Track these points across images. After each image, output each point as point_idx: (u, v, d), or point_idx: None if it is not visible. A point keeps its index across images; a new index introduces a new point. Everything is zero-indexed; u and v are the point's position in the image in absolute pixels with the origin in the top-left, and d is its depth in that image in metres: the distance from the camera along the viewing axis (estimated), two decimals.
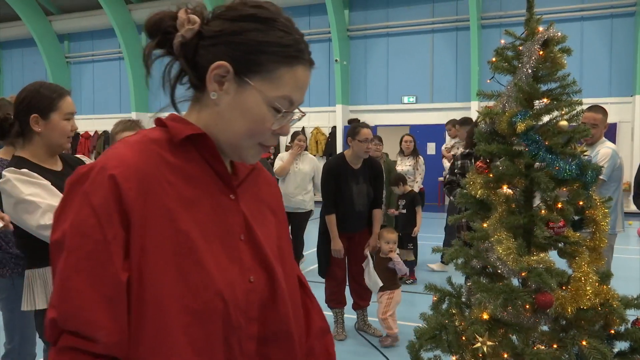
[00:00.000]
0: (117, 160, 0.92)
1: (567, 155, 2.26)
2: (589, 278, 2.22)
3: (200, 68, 0.97)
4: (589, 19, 12.48)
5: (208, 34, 0.96)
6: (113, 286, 0.87)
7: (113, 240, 0.88)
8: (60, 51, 18.32)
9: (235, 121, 0.98)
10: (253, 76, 0.96)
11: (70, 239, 0.88)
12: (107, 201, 0.88)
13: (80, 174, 0.92)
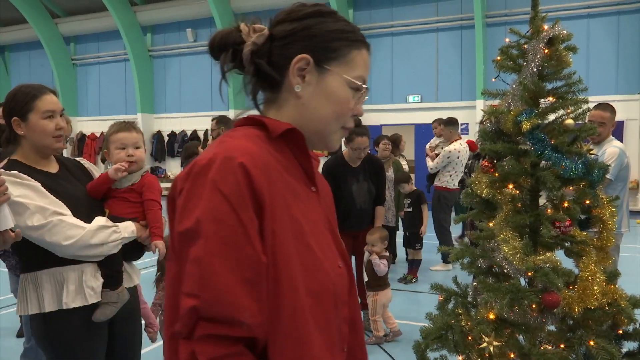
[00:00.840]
0: (241, 150, 0.96)
1: (573, 154, 2.25)
2: (596, 277, 2.20)
3: (276, 68, 1.05)
4: (595, 16, 12.41)
5: (281, 35, 1.05)
6: (253, 268, 0.90)
7: (249, 224, 0.91)
8: (67, 53, 18.40)
9: (321, 107, 1.06)
10: (331, 62, 1.05)
11: (205, 226, 0.90)
12: (238, 187, 0.92)
13: (201, 165, 0.95)
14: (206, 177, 0.93)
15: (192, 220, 0.91)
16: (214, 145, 1.00)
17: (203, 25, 16.26)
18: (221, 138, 1.02)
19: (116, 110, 17.65)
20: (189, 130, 16.54)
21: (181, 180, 0.97)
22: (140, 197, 2.28)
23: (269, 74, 1.06)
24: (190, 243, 0.91)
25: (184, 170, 0.98)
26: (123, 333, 2.31)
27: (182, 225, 0.93)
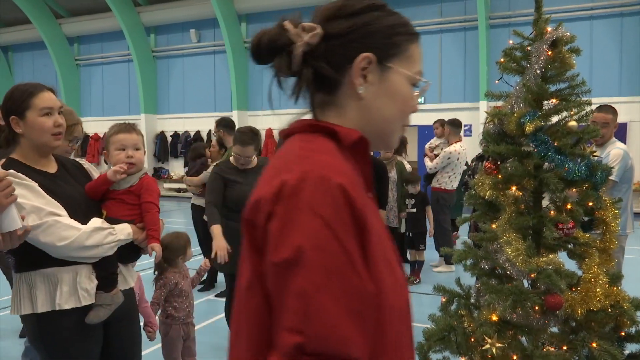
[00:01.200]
0: (335, 168, 0.89)
1: (577, 156, 2.25)
2: (599, 279, 2.21)
3: (334, 69, 0.98)
4: (598, 18, 12.40)
5: (338, 33, 0.98)
6: (360, 299, 0.83)
7: (353, 251, 0.84)
8: (70, 54, 18.45)
9: (385, 107, 1.01)
10: (392, 59, 0.99)
11: (307, 255, 0.81)
12: (339, 211, 0.84)
13: (292, 186, 0.85)
14: (301, 200, 0.84)
15: (292, 248, 0.82)
16: (295, 161, 0.90)
17: (206, 26, 16.29)
18: (301, 152, 0.93)
19: (119, 111, 17.69)
20: (192, 131, 16.58)
21: (268, 203, 0.86)
22: (138, 200, 2.27)
23: (328, 76, 0.98)
24: (290, 274, 0.82)
25: (268, 191, 0.88)
26: (120, 334, 2.30)
27: (278, 255, 0.83)
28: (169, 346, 3.34)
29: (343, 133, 0.97)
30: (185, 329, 3.38)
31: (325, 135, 0.98)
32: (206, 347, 4.14)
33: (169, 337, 3.33)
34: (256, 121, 15.73)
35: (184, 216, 11.43)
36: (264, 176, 0.94)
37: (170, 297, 3.32)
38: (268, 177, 0.92)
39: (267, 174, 0.94)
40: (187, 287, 3.39)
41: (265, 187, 0.90)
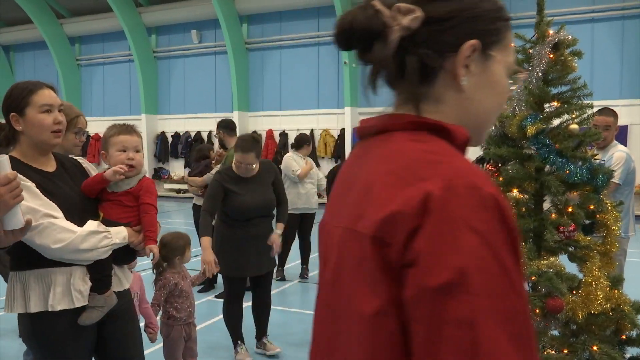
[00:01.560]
0: (480, 176, 0.78)
1: (578, 159, 2.25)
2: (599, 282, 2.20)
3: (433, 61, 0.86)
4: (599, 21, 12.40)
5: (440, 17, 0.86)
6: (520, 321, 0.74)
7: (512, 270, 0.75)
8: (71, 54, 18.46)
9: (486, 99, 0.92)
10: (494, 47, 0.90)
11: (471, 278, 0.72)
12: (495, 226, 0.75)
13: (439, 197, 0.75)
14: (454, 214, 0.74)
15: (452, 271, 0.72)
16: (423, 166, 0.80)
17: (208, 27, 16.30)
18: (426, 155, 0.82)
19: (120, 111, 17.70)
20: (192, 132, 16.58)
21: (411, 218, 0.75)
22: (136, 202, 2.26)
23: (431, 66, 0.87)
24: (450, 299, 0.72)
25: (406, 205, 0.76)
26: (115, 334, 2.29)
27: (436, 278, 0.72)
28: (171, 347, 3.34)
29: (456, 131, 0.87)
30: (186, 329, 3.38)
31: (433, 133, 0.86)
32: (206, 348, 4.14)
33: (171, 338, 3.33)
34: (257, 122, 15.74)
35: (184, 217, 11.43)
36: (381, 186, 0.82)
37: (171, 298, 3.31)
38: (390, 187, 0.80)
39: (385, 182, 0.81)
40: (188, 288, 3.38)
41: (394, 198, 0.78)
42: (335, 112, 14.95)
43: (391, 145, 0.88)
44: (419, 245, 0.74)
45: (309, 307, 5.71)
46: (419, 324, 0.74)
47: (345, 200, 0.92)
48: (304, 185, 6.37)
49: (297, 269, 6.81)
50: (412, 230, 0.75)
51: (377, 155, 0.88)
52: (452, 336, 0.71)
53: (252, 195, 3.94)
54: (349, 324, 0.84)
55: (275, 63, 15.70)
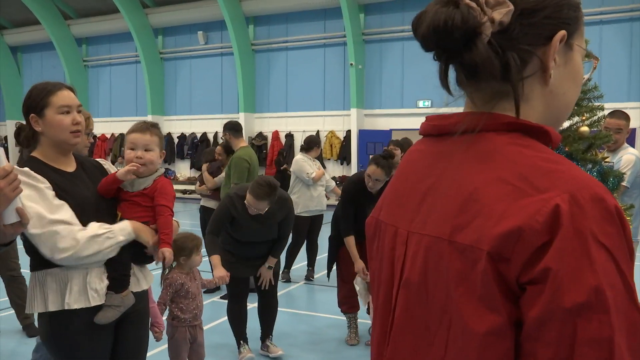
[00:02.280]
0: (603, 188, 0.75)
1: (588, 162, 2.22)
2: None
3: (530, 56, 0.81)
4: (608, 23, 12.33)
5: (532, 9, 0.81)
6: (636, 336, 0.72)
7: (633, 284, 0.73)
8: (78, 55, 18.55)
9: (569, 91, 0.86)
10: (575, 35, 0.85)
11: (603, 297, 0.69)
12: (620, 240, 0.72)
13: (567, 212, 0.71)
14: (581, 228, 0.70)
15: (587, 290, 0.69)
16: (539, 175, 0.75)
17: (214, 28, 16.33)
18: (542, 163, 0.76)
19: (127, 112, 17.76)
20: (198, 133, 16.61)
21: (539, 234, 0.71)
22: (151, 202, 2.22)
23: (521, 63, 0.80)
24: (584, 319, 0.69)
25: (532, 219, 0.71)
26: (127, 336, 2.28)
27: (570, 298, 0.69)
28: (175, 348, 3.32)
29: (554, 134, 0.83)
30: (191, 331, 3.35)
31: (530, 135, 0.82)
32: (210, 348, 4.12)
33: (175, 339, 3.31)
34: (262, 123, 15.75)
35: (190, 217, 11.44)
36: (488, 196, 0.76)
37: (176, 298, 3.30)
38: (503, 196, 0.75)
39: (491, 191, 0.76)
40: (195, 290, 3.36)
41: (515, 212, 0.73)
42: (341, 113, 14.94)
43: (489, 148, 0.81)
44: (548, 263, 0.70)
45: (314, 309, 5.69)
46: (546, 345, 0.71)
47: (424, 205, 0.87)
48: (315, 188, 6.40)
49: (303, 271, 6.80)
50: (541, 247, 0.71)
51: (472, 159, 0.81)
52: (586, 356, 0.69)
53: (256, 230, 4.00)
54: (446, 338, 0.80)
55: (281, 64, 15.70)
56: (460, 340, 0.77)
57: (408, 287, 0.86)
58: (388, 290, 0.92)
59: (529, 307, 0.72)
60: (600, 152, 2.28)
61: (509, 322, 0.74)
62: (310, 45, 15.32)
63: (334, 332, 4.79)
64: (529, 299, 0.72)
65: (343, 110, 14.91)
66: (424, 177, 0.88)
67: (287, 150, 14.89)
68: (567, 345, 0.69)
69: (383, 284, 0.94)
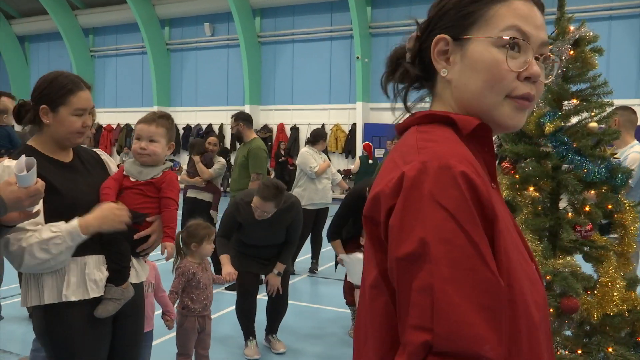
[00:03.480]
0: (456, 156, 0.83)
1: (596, 158, 2.21)
2: (616, 283, 2.17)
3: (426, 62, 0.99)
4: (617, 18, 12.24)
5: (423, 29, 1.00)
6: (490, 293, 0.77)
7: (481, 243, 0.78)
8: (85, 45, 18.56)
9: (469, 81, 0.93)
10: (469, 30, 0.93)
11: (432, 248, 0.77)
12: (464, 201, 0.79)
13: (411, 178, 0.81)
14: (421, 191, 0.79)
15: (415, 242, 0.78)
16: (412, 152, 0.86)
17: (221, 20, 16.30)
18: (419, 143, 0.88)
19: (133, 103, 17.77)
20: (204, 124, 16.62)
21: (387, 197, 0.83)
22: (157, 193, 2.21)
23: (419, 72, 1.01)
24: (414, 269, 0.77)
25: (386, 185, 0.84)
26: (124, 330, 2.23)
27: (401, 249, 0.79)
28: (183, 337, 3.35)
29: (461, 120, 0.92)
30: (200, 321, 3.38)
31: (443, 124, 0.93)
32: (214, 339, 4.14)
33: (184, 329, 3.34)
34: (268, 116, 15.74)
35: None
36: (381, 171, 0.91)
37: (188, 288, 3.33)
38: (386, 171, 0.88)
39: (385, 168, 0.90)
40: (206, 280, 3.38)
41: (383, 181, 0.86)
42: (346, 107, 14.91)
43: (404, 138, 0.95)
44: (392, 221, 0.82)
45: (318, 302, 5.71)
46: (397, 292, 0.82)
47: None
48: (320, 181, 6.39)
49: (307, 263, 6.81)
50: (389, 208, 0.83)
51: (394, 148, 0.96)
52: (416, 302, 0.77)
53: (263, 234, 4.02)
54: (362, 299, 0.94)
55: (287, 57, 15.67)
56: (364, 296, 0.92)
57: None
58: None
59: (388, 261, 0.83)
60: (609, 148, 2.28)
61: (382, 276, 0.85)
62: (317, 38, 15.28)
63: (337, 325, 4.81)
64: (387, 253, 0.83)
65: (349, 103, 14.88)
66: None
67: (291, 143, 14.89)
68: (405, 292, 0.79)
69: None
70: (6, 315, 4.61)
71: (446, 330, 0.75)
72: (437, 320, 0.75)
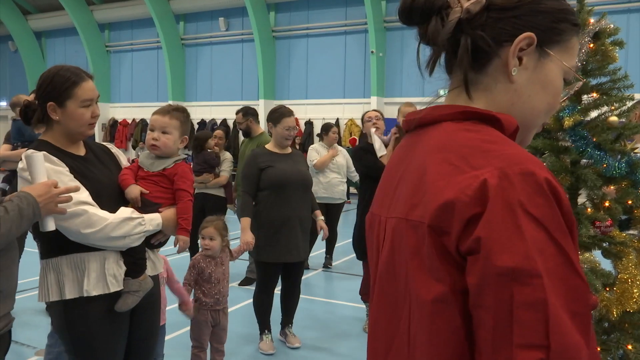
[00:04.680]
0: (534, 162, 0.79)
1: (616, 152, 2.18)
2: (635, 280, 2.14)
3: (487, 45, 0.88)
4: (635, 11, 12.04)
5: (502, 6, 0.88)
6: (580, 300, 0.76)
7: (570, 250, 0.77)
8: (101, 40, 18.69)
9: (536, 97, 0.91)
10: (553, 46, 0.90)
11: (537, 262, 0.74)
12: (551, 209, 0.77)
13: (495, 186, 0.76)
14: (510, 201, 0.75)
15: (517, 256, 0.74)
16: (478, 155, 0.81)
17: (235, 15, 16.31)
18: (481, 144, 0.83)
19: (148, 97, 17.87)
20: (218, 119, 16.67)
21: (466, 206, 0.77)
22: (170, 184, 2.23)
23: (484, 51, 0.88)
24: (518, 284, 0.74)
25: (463, 193, 0.78)
26: (141, 324, 2.24)
27: (500, 264, 0.74)
28: (196, 330, 3.40)
29: (506, 121, 0.88)
30: (214, 315, 3.41)
31: (484, 122, 0.88)
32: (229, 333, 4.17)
33: (196, 321, 3.38)
34: None
35: None
36: (434, 174, 0.83)
37: (199, 281, 3.37)
38: (444, 175, 0.82)
39: (440, 171, 0.83)
40: (220, 275, 3.41)
41: (449, 187, 0.79)
42: (361, 101, 14.86)
43: (443, 135, 0.88)
44: (480, 233, 0.76)
45: (332, 296, 5.71)
46: (487, 310, 0.76)
47: (396, 192, 0.94)
48: (325, 175, 6.30)
49: (320, 258, 6.82)
50: (470, 218, 0.77)
51: (429, 145, 0.88)
52: (525, 319, 0.73)
53: (289, 166, 3.96)
54: (409, 310, 0.86)
55: (302, 51, 15.65)
56: (417, 311, 0.84)
57: (382, 267, 0.94)
58: (375, 273, 0.99)
59: (469, 275, 0.78)
60: (629, 143, 2.24)
61: (453, 291, 0.79)
62: (331, 33, 15.23)
63: (352, 320, 4.81)
64: (469, 268, 0.77)
65: (363, 98, 14.83)
66: (399, 168, 0.96)
67: (305, 137, 14.87)
68: (505, 310, 0.74)
69: (373, 269, 1.02)
70: (22, 308, 4.67)
71: (561, 346, 0.73)
72: (552, 335, 0.73)
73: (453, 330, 0.80)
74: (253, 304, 4.15)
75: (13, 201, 1.75)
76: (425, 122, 0.93)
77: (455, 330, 0.80)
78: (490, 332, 0.75)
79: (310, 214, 4.13)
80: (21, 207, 1.73)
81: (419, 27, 0.92)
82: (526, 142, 0.97)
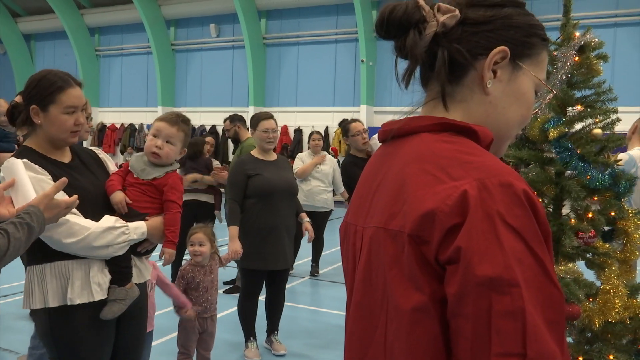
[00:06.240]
0: (511, 173, 0.81)
1: (600, 164, 2.21)
2: (618, 291, 2.17)
3: (463, 58, 0.90)
4: (622, 25, 12.22)
5: (477, 20, 0.91)
6: (554, 309, 0.77)
7: (545, 259, 0.78)
8: (91, 44, 18.60)
9: (510, 108, 0.93)
10: (525, 59, 0.93)
11: (515, 272, 0.75)
12: (528, 219, 0.78)
13: (474, 196, 0.78)
14: (490, 211, 0.77)
15: (495, 265, 0.75)
16: (457, 166, 0.82)
17: (226, 21, 16.33)
18: (459, 155, 0.84)
19: (137, 103, 17.81)
20: (208, 125, 16.63)
21: (446, 216, 0.78)
22: (158, 194, 2.21)
23: (459, 63, 0.90)
24: (497, 293, 0.75)
25: (443, 203, 0.79)
26: (128, 332, 2.22)
27: (480, 273, 0.75)
28: (183, 337, 3.39)
29: (482, 133, 0.90)
30: (201, 322, 3.40)
31: (461, 134, 0.89)
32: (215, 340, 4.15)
33: (184, 328, 3.38)
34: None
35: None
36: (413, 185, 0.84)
37: (188, 289, 3.37)
38: (423, 186, 0.83)
39: (418, 182, 0.84)
40: (208, 283, 3.40)
41: (429, 197, 0.81)
42: (351, 110, 14.90)
43: (421, 145, 0.89)
44: (459, 243, 0.77)
45: (319, 304, 5.70)
46: (466, 319, 0.77)
47: (373, 201, 0.94)
48: (307, 182, 6.25)
49: (307, 266, 6.81)
50: (450, 228, 0.78)
51: (407, 155, 0.90)
52: (504, 328, 0.74)
53: (274, 174, 3.95)
54: (385, 320, 0.87)
55: (292, 59, 15.69)
56: (395, 320, 0.85)
57: (359, 276, 0.94)
58: (351, 284, 0.99)
59: (448, 285, 0.78)
60: (612, 155, 2.27)
61: (432, 300, 0.80)
62: (322, 41, 15.29)
63: (338, 329, 4.80)
64: (448, 277, 0.78)
65: (353, 106, 14.88)
66: (375, 178, 0.97)
67: (295, 145, 14.88)
68: (484, 319, 0.75)
69: (349, 279, 1.02)
70: (6, 313, 4.62)
71: (537, 353, 0.74)
72: (530, 343, 0.74)
73: (432, 339, 0.81)
74: (238, 311, 4.14)
75: (24, 218, 1.68)
76: (403, 133, 0.94)
77: (433, 339, 0.81)
78: (469, 341, 0.76)
79: (295, 221, 4.13)
80: (31, 225, 1.69)
81: (395, 40, 0.94)
82: (500, 153, 0.99)
